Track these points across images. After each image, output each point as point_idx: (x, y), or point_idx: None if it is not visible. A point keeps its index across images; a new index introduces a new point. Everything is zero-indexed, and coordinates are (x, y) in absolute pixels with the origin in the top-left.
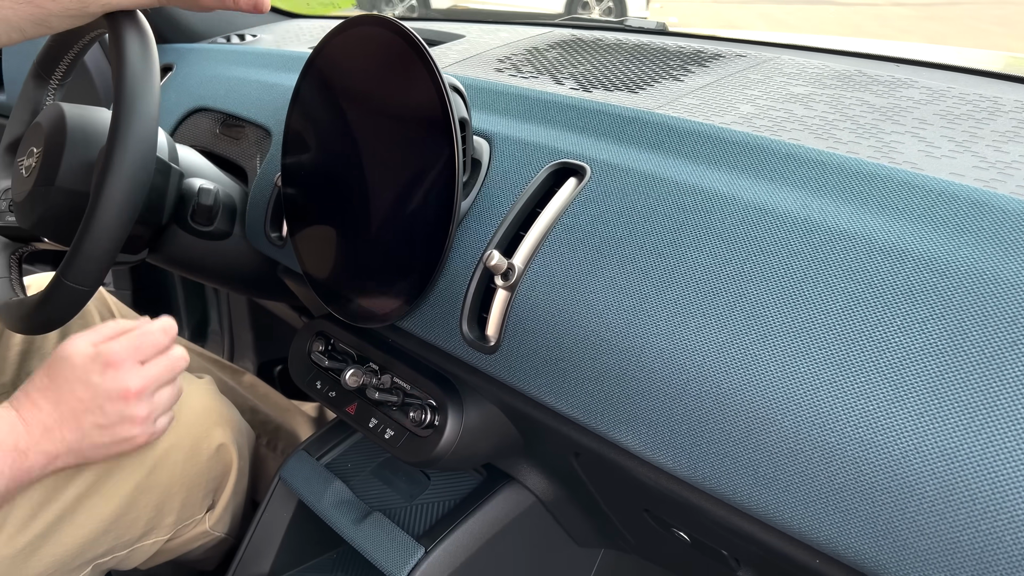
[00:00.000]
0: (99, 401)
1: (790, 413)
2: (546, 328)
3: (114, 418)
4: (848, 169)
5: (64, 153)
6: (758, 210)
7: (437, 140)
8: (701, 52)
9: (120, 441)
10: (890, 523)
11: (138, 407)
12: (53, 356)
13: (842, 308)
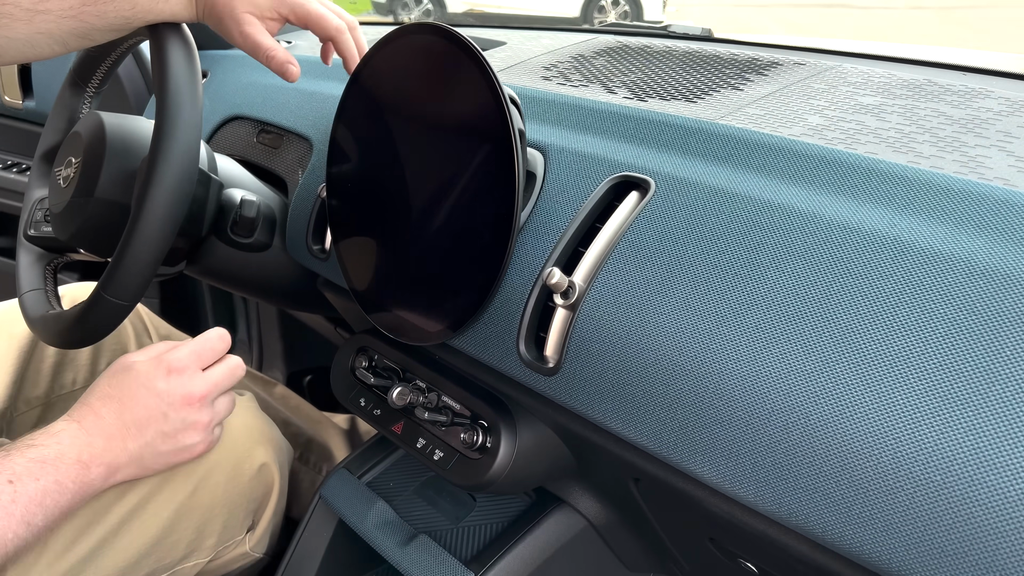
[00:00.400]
0: (163, 408)
1: (889, 448)
2: (612, 350)
3: (177, 425)
4: (937, 186)
5: (104, 164)
6: (842, 228)
7: (495, 152)
8: (756, 60)
9: (181, 449)
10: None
11: (201, 413)
12: (114, 367)
13: (944, 336)
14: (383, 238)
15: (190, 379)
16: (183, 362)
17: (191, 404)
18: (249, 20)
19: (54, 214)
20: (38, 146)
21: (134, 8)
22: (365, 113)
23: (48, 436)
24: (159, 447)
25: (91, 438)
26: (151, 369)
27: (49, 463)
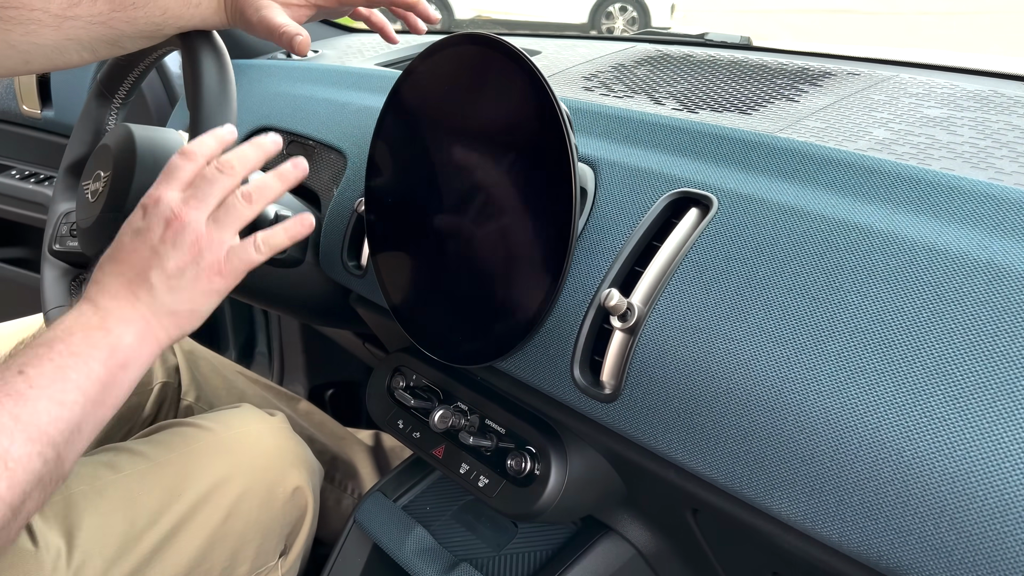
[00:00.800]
0: (149, 244)
1: (996, 492)
2: (678, 377)
3: (171, 253)
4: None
5: (134, 178)
6: (928, 250)
7: (550, 168)
8: (807, 70)
9: (196, 279)
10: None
11: (189, 231)
12: None
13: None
14: (426, 256)
15: (165, 204)
16: (153, 194)
17: (171, 224)
18: (266, 3)
19: (81, 229)
20: (63, 158)
21: (164, 14)
22: (408, 126)
23: (58, 323)
24: (177, 284)
25: (96, 303)
26: (131, 217)
27: (58, 340)
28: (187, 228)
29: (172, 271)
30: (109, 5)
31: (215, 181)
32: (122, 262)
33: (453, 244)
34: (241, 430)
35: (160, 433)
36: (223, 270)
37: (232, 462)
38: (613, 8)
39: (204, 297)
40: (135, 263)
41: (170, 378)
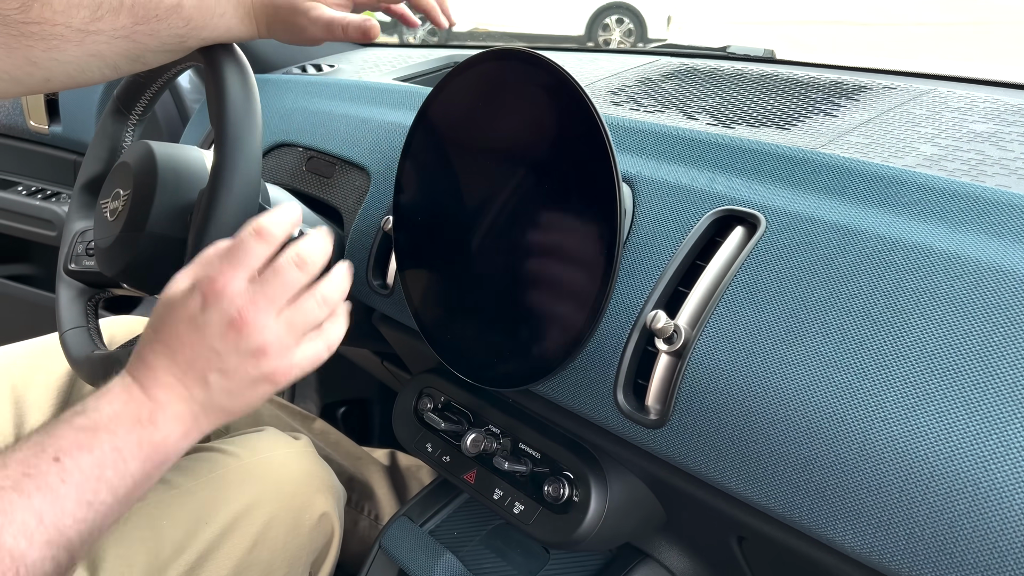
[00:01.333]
0: (209, 341)
1: None
2: (731, 403)
3: (233, 358)
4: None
5: (155, 196)
6: (995, 272)
7: (592, 186)
8: (841, 83)
9: (255, 382)
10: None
11: (255, 337)
12: (159, 301)
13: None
14: (460, 276)
15: (230, 301)
16: (216, 279)
17: (240, 330)
18: (314, 5)
19: (100, 249)
20: (79, 176)
21: (188, 25)
22: (440, 142)
23: (98, 399)
24: (230, 387)
25: (147, 392)
26: (185, 297)
27: (103, 429)
28: (254, 334)
29: (232, 375)
30: (132, 18)
31: (290, 279)
32: (176, 353)
33: (489, 264)
34: (267, 455)
35: (185, 459)
36: (289, 375)
37: (259, 489)
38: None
39: (261, 397)
40: (191, 359)
41: None
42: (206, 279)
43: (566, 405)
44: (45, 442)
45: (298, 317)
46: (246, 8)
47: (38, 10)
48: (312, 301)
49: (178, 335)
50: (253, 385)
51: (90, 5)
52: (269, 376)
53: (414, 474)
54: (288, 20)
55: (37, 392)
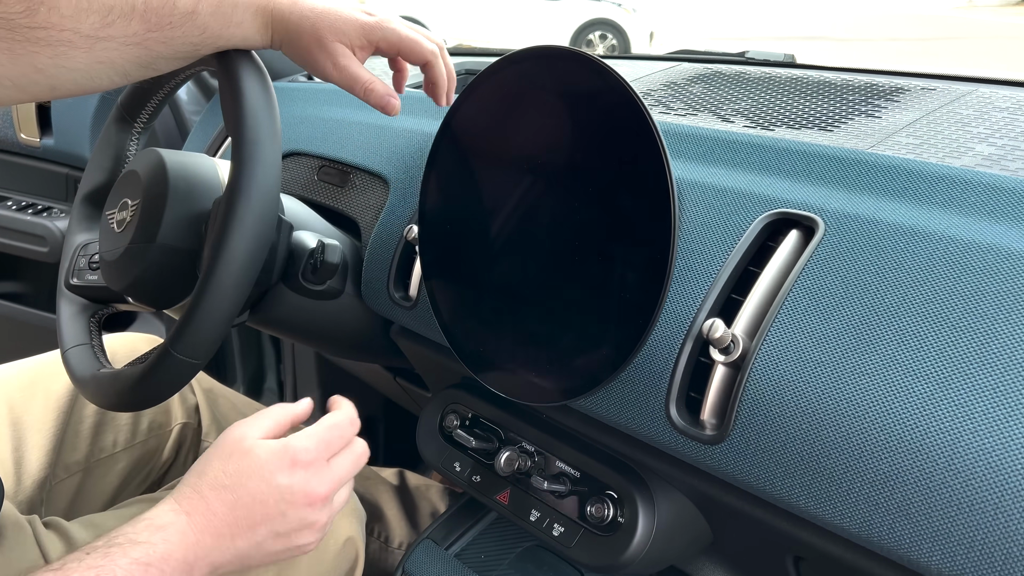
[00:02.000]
0: (282, 507)
1: None
2: (799, 416)
3: (294, 524)
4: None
5: (167, 206)
6: None
7: (643, 187)
8: (877, 85)
9: (292, 549)
10: None
11: (322, 512)
12: (229, 443)
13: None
14: (495, 287)
15: (316, 474)
16: (311, 454)
17: (312, 504)
18: (343, 51)
19: (107, 262)
20: (80, 187)
21: (203, 33)
22: (472, 147)
23: (154, 530)
24: (269, 547)
25: (200, 536)
26: (274, 459)
27: (154, 566)
28: (323, 511)
29: (279, 540)
30: (144, 25)
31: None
32: (241, 505)
33: (528, 273)
34: None
35: None
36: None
37: None
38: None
39: (269, 561)
40: (257, 516)
41: (190, 418)
42: (302, 449)
43: (610, 421)
44: (101, 568)
45: (337, 501)
46: (265, 19)
47: (45, 14)
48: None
49: (250, 489)
50: (287, 551)
51: (100, 10)
52: (302, 547)
53: (423, 494)
54: (307, 49)
55: (35, 413)
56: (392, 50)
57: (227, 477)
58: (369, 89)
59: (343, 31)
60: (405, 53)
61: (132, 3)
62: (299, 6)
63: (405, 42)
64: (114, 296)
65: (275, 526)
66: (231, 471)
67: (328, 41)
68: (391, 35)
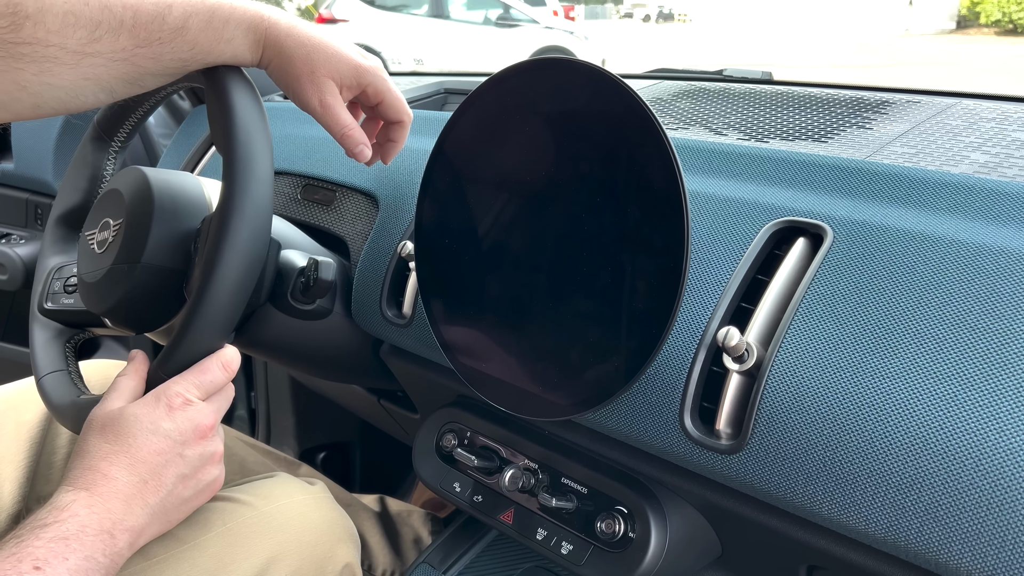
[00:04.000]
0: (178, 448)
1: None
2: (820, 423)
3: (195, 462)
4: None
5: (152, 225)
6: None
7: (654, 202)
8: (862, 99)
9: (203, 489)
10: None
11: (215, 441)
12: (98, 420)
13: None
14: (499, 302)
15: (197, 410)
16: (183, 395)
17: (205, 435)
18: (332, 89)
19: (87, 283)
20: (53, 208)
21: (193, 49)
22: (470, 162)
23: (59, 511)
24: (181, 493)
25: (108, 503)
26: (150, 410)
27: (73, 539)
28: (215, 441)
29: (188, 481)
30: (133, 40)
31: (229, 395)
32: (139, 461)
33: (533, 285)
34: (284, 503)
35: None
36: (215, 489)
37: (278, 540)
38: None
39: (193, 508)
40: (157, 465)
41: None
42: (172, 394)
43: (620, 434)
44: (19, 553)
45: (220, 435)
46: (258, 37)
47: (30, 29)
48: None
49: (142, 443)
50: (199, 493)
51: (87, 25)
52: (210, 484)
53: (405, 520)
54: (296, 78)
55: (6, 445)
56: (376, 98)
57: (113, 444)
58: (347, 135)
59: (337, 68)
60: (387, 105)
61: (120, 18)
62: (297, 31)
63: (391, 95)
64: (91, 320)
65: (179, 468)
66: (112, 438)
67: (320, 75)
68: (380, 84)
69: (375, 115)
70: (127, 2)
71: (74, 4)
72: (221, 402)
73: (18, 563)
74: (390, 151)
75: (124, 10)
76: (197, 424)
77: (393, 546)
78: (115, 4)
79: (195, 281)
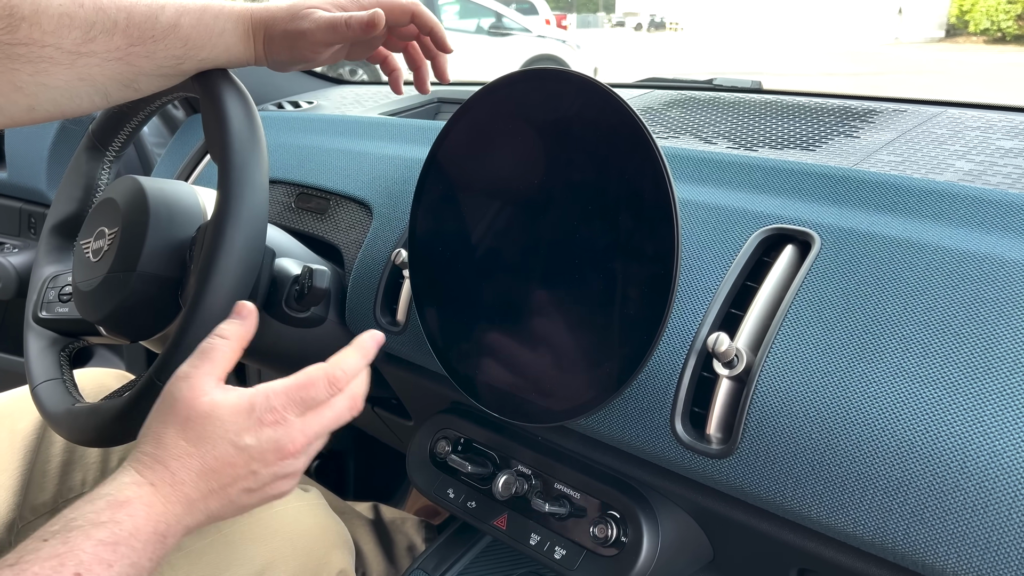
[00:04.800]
0: (253, 466)
1: None
2: (809, 427)
3: (266, 479)
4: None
5: (147, 233)
6: None
7: (645, 209)
8: (850, 108)
9: (267, 498)
10: None
11: (295, 463)
12: (183, 408)
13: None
14: (492, 310)
15: (286, 431)
16: (279, 413)
17: (285, 459)
18: (311, 11)
19: (82, 292)
20: (48, 217)
21: (186, 45)
22: (465, 168)
23: (117, 508)
24: (242, 502)
25: (168, 506)
26: (239, 420)
27: (123, 544)
28: (296, 462)
29: (254, 493)
30: (126, 39)
31: (337, 410)
32: (212, 470)
33: (526, 293)
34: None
35: None
36: (278, 497)
37: (273, 546)
38: None
39: (241, 513)
40: (228, 478)
41: None
42: (267, 408)
43: (612, 440)
44: (64, 556)
45: (314, 448)
46: (245, 26)
47: (26, 30)
48: (323, 439)
49: (217, 453)
50: (261, 502)
51: (83, 25)
52: (275, 495)
53: (399, 528)
54: (288, 29)
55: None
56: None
57: (189, 444)
58: (347, 20)
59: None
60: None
61: (114, 18)
62: (273, 7)
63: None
64: (85, 329)
65: (247, 484)
66: (192, 437)
67: (300, 11)
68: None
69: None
70: (120, 3)
71: (69, 5)
72: (319, 426)
73: (61, 567)
74: (441, 63)
75: (118, 11)
76: (281, 447)
77: (387, 554)
78: (108, 5)
79: (190, 289)
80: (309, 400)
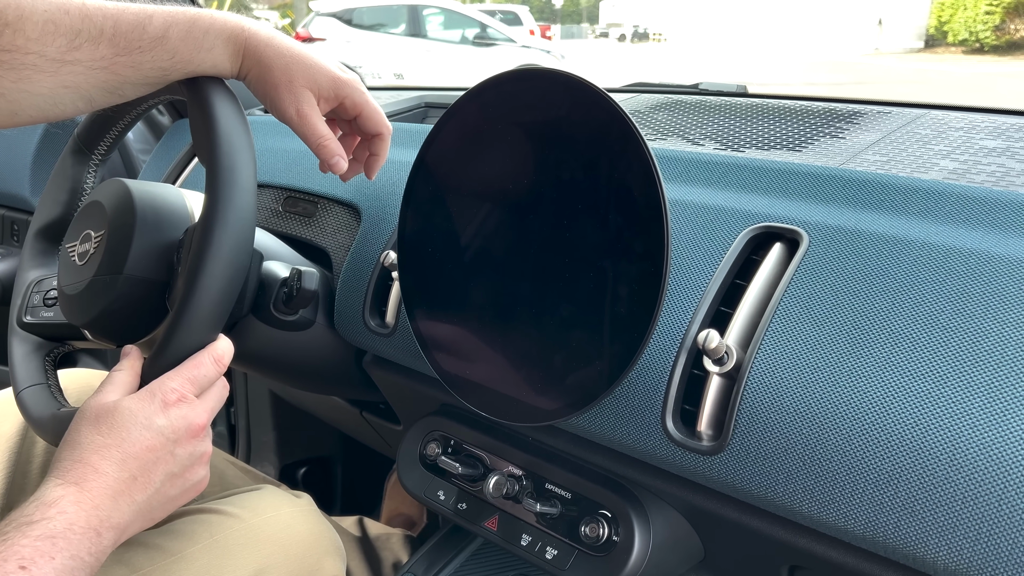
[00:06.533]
0: (170, 446)
1: None
2: (799, 422)
3: (185, 461)
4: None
5: (134, 236)
6: None
7: (635, 208)
8: (835, 110)
9: (189, 488)
10: None
11: (205, 441)
12: (91, 411)
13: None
14: (481, 310)
15: (190, 407)
16: (178, 391)
17: (197, 435)
18: (308, 99)
19: (68, 296)
20: (33, 221)
21: (173, 58)
22: (455, 169)
23: (47, 507)
24: (168, 491)
25: (96, 500)
26: (145, 405)
27: (60, 537)
28: (206, 440)
29: (176, 480)
30: (113, 48)
31: (223, 386)
32: (130, 457)
33: (515, 293)
34: (271, 515)
35: (177, 522)
36: (199, 489)
37: (265, 553)
38: None
39: (172, 509)
40: (148, 462)
41: None
42: (168, 389)
43: (603, 438)
44: (4, 552)
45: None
46: (237, 47)
47: (9, 37)
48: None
49: (133, 439)
50: (185, 492)
51: (67, 33)
52: (196, 484)
53: (385, 544)
54: (275, 87)
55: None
56: (355, 111)
57: (105, 437)
58: (323, 145)
59: (315, 79)
60: (365, 118)
61: (100, 27)
62: (276, 42)
63: (368, 108)
64: (71, 333)
65: (168, 466)
66: (105, 430)
67: (297, 85)
68: (358, 97)
69: (352, 130)
70: (107, 12)
71: (54, 12)
72: (214, 400)
73: (3, 563)
74: (373, 165)
75: (104, 20)
76: (190, 423)
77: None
78: (95, 13)
79: (178, 292)
80: (202, 378)
